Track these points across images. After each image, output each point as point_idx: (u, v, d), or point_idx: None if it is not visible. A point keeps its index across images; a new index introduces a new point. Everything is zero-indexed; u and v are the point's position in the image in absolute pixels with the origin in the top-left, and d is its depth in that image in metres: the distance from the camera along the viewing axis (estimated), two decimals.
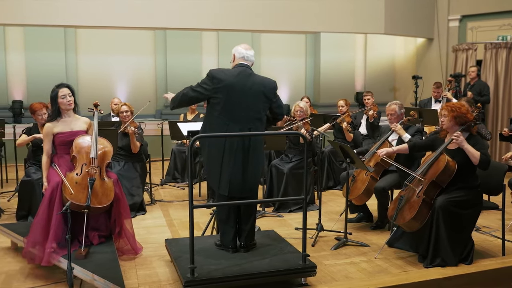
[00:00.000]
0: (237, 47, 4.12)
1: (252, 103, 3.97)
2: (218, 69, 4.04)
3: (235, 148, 3.92)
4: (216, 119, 3.95)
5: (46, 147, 4.33)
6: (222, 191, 3.97)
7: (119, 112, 6.21)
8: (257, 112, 4.01)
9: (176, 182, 7.90)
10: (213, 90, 3.91)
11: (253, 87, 3.97)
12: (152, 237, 5.06)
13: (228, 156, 3.92)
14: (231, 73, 3.99)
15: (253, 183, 4.07)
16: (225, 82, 3.89)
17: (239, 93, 3.91)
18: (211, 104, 3.98)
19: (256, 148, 4.01)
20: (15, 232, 4.55)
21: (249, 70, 4.04)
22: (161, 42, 10.92)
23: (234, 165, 3.92)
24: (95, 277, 3.53)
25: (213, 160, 3.98)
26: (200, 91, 3.96)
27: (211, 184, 4.11)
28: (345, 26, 10.45)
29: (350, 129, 7.25)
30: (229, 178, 3.93)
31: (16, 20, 9.07)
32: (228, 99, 3.90)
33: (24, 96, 10.26)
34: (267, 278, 3.68)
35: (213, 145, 3.97)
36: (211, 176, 4.06)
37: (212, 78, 3.92)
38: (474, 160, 4.22)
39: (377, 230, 5.30)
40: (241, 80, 3.95)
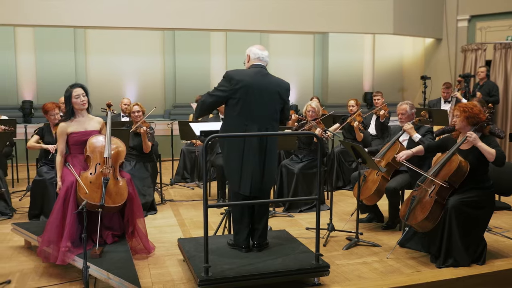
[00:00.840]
0: (252, 48, 4.14)
1: (269, 103, 4.00)
2: (235, 70, 4.05)
3: (254, 148, 3.94)
4: (234, 120, 3.97)
5: (60, 146, 4.36)
6: (243, 191, 3.99)
7: (130, 112, 6.24)
8: (274, 112, 4.04)
9: (186, 182, 7.93)
10: (231, 91, 3.93)
11: (269, 87, 4.00)
12: (164, 237, 5.09)
13: (248, 156, 3.94)
14: (248, 73, 4.01)
15: (270, 183, 4.09)
16: (243, 83, 3.91)
17: (257, 93, 3.94)
18: (229, 105, 4.00)
19: (272, 148, 4.04)
20: (28, 231, 4.58)
21: (264, 71, 4.07)
22: (169, 42, 10.97)
23: (254, 165, 3.94)
24: (110, 276, 3.55)
25: (233, 161, 3.99)
26: (218, 94, 3.99)
27: (231, 184, 4.10)
28: (354, 26, 10.45)
29: (362, 127, 7.25)
30: (250, 178, 3.95)
31: (26, 20, 9.13)
32: (246, 99, 3.92)
33: (34, 96, 10.33)
34: (281, 277, 3.69)
35: (233, 146, 3.99)
36: (231, 176, 4.06)
37: (230, 79, 3.94)
38: (490, 157, 4.21)
39: (388, 230, 5.30)
40: (258, 80, 3.97)
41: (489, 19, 10.80)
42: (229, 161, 4.04)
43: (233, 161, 4.00)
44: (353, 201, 6.60)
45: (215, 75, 11.19)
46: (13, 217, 5.84)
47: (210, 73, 11.21)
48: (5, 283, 3.88)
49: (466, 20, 11.07)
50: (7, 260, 4.44)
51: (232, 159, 4.01)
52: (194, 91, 10.35)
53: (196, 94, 9.21)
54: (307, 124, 6.34)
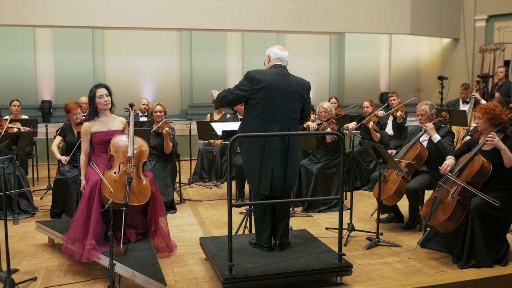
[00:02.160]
0: (272, 48, 4.16)
1: (290, 103, 4.01)
2: (256, 70, 4.07)
3: (275, 148, 3.96)
4: (255, 119, 3.99)
5: (84, 146, 4.42)
6: (263, 191, 4.01)
7: (152, 112, 6.30)
8: (294, 112, 4.06)
9: (203, 181, 7.98)
10: (251, 91, 3.96)
11: (290, 87, 4.02)
12: (184, 236, 5.13)
13: (268, 156, 3.95)
14: (269, 73, 4.04)
15: (292, 182, 4.11)
16: (264, 83, 3.94)
17: (277, 93, 3.96)
18: (250, 104, 4.02)
19: (293, 148, 4.06)
20: (53, 229, 4.65)
21: (285, 71, 4.09)
22: (186, 42, 11.04)
23: (274, 165, 3.96)
24: (136, 273, 3.59)
25: (252, 160, 4.02)
26: (238, 93, 4.02)
27: (251, 184, 4.13)
28: (371, 26, 10.43)
29: (376, 128, 7.24)
30: (271, 178, 3.97)
31: (46, 21, 9.26)
32: (267, 99, 3.94)
33: (53, 96, 10.46)
34: (304, 276, 3.71)
35: (253, 145, 4.01)
36: (251, 176, 4.08)
37: (251, 79, 3.96)
38: (508, 163, 4.20)
39: (408, 231, 5.28)
40: (279, 80, 3.99)
41: (507, 19, 10.72)
42: (249, 161, 4.06)
43: (253, 161, 4.02)
44: (372, 201, 6.60)
45: (231, 75, 11.25)
46: (35, 215, 5.92)
47: (227, 73, 11.27)
48: (31, 280, 3.94)
49: (484, 20, 10.99)
50: (31, 257, 4.51)
51: (252, 158, 4.03)
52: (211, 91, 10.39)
53: None
54: (321, 125, 6.35)
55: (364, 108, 7.63)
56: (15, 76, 10.12)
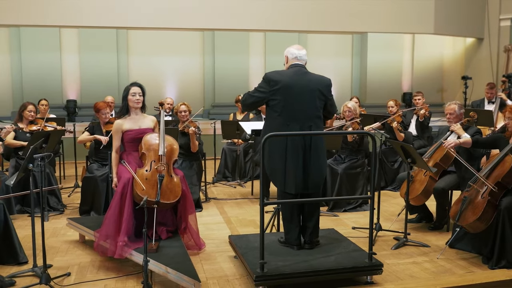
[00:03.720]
0: (289, 48, 4.17)
1: (310, 101, 4.02)
2: (274, 71, 4.09)
3: (297, 147, 3.97)
4: (276, 120, 4.01)
5: (116, 143, 4.49)
6: (288, 189, 4.03)
7: (177, 112, 6.36)
8: (316, 110, 4.06)
9: (227, 180, 8.03)
10: (270, 92, 3.98)
11: (309, 85, 4.02)
12: (212, 234, 5.18)
13: (291, 155, 3.97)
14: (286, 73, 4.05)
15: (318, 180, 4.12)
16: (282, 83, 3.96)
17: (297, 92, 3.97)
18: (270, 106, 4.05)
19: (318, 145, 4.05)
20: (84, 226, 4.73)
21: (303, 69, 4.10)
22: (209, 42, 11.12)
23: (298, 163, 3.98)
24: (169, 270, 3.64)
25: (276, 160, 4.03)
26: (257, 95, 4.05)
27: (275, 183, 4.15)
28: (394, 26, 10.40)
29: (400, 128, 7.21)
30: (295, 177, 3.99)
31: (71, 22, 9.42)
32: (286, 99, 3.96)
33: (78, 96, 10.61)
34: (335, 275, 3.73)
35: (275, 145, 4.02)
36: (275, 175, 4.10)
37: (269, 81, 3.99)
38: None
39: (435, 231, 5.27)
40: (297, 79, 4.00)
41: None
42: (272, 161, 4.06)
43: (275, 160, 4.03)
44: (397, 202, 6.59)
45: (253, 75, 11.29)
46: (64, 213, 6.02)
47: (249, 73, 11.32)
48: (65, 276, 4.02)
49: (509, 19, 10.87)
50: (63, 253, 4.60)
51: (274, 158, 4.04)
52: (233, 91, 10.47)
53: (235, 94, 9.31)
54: (343, 125, 6.34)
55: (388, 107, 7.62)
56: (41, 76, 10.30)
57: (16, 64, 10.35)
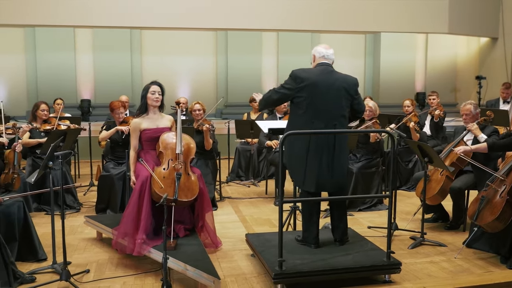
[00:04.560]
0: (317, 47, 4.19)
1: (336, 100, 4.03)
2: (301, 69, 4.10)
3: (320, 145, 3.97)
4: (301, 118, 4.02)
5: (133, 142, 4.52)
6: (308, 188, 4.04)
7: (191, 111, 6.39)
8: (341, 109, 4.06)
9: (240, 180, 8.05)
10: (296, 89, 3.99)
11: (335, 84, 4.03)
12: (228, 232, 5.19)
13: (314, 153, 3.97)
14: (313, 71, 4.07)
15: (342, 179, 4.12)
16: (309, 81, 3.97)
17: (322, 91, 3.98)
18: (295, 103, 4.06)
19: (341, 144, 4.06)
20: (102, 224, 4.77)
21: (330, 68, 4.11)
22: (222, 42, 11.15)
23: (321, 161, 3.98)
24: (188, 267, 3.66)
25: (297, 158, 4.04)
26: (283, 92, 4.06)
27: (295, 181, 4.16)
28: (407, 26, 10.36)
29: (417, 128, 7.19)
30: (316, 175, 3.99)
31: (86, 22, 9.49)
32: (312, 97, 3.96)
33: (92, 95, 10.69)
34: (353, 273, 3.73)
35: (297, 143, 4.03)
36: (295, 173, 4.11)
37: (295, 78, 4.00)
38: None
39: (451, 231, 5.25)
40: (323, 77, 4.01)
41: None
42: (293, 159, 4.08)
43: (297, 158, 4.04)
44: (412, 201, 6.57)
45: (266, 75, 11.32)
46: (80, 211, 6.07)
47: (262, 73, 11.34)
48: (84, 272, 4.06)
49: None
50: (82, 251, 4.64)
51: (296, 156, 4.05)
52: (246, 90, 10.50)
53: (248, 94, 9.33)
54: (364, 124, 6.33)
55: (404, 107, 7.59)
56: (56, 76, 10.39)
57: (31, 64, 10.45)
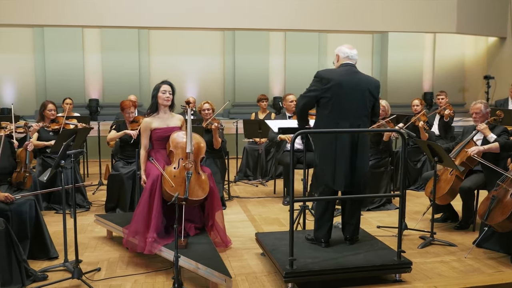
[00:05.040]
0: (341, 47, 4.20)
1: (360, 100, 4.06)
2: (325, 69, 4.14)
3: (346, 144, 4.00)
4: (326, 118, 4.04)
5: (144, 141, 4.55)
6: (337, 187, 4.07)
7: (200, 110, 6.42)
8: (365, 109, 4.10)
9: (248, 179, 8.05)
10: (322, 90, 4.01)
11: (360, 84, 4.06)
12: (237, 231, 5.21)
13: (341, 153, 4.00)
14: (338, 72, 4.09)
15: (361, 178, 4.15)
16: (334, 81, 3.98)
17: (347, 91, 4.00)
18: (320, 104, 4.07)
19: (364, 144, 4.10)
20: (112, 222, 4.79)
21: (354, 69, 4.13)
22: (230, 42, 11.16)
23: (347, 160, 4.01)
24: (199, 265, 3.68)
25: (326, 157, 4.07)
26: (310, 95, 4.08)
27: (324, 179, 4.15)
28: (415, 25, 10.35)
29: (427, 127, 7.18)
30: (344, 174, 4.02)
31: (94, 22, 9.54)
32: (337, 97, 3.98)
33: (100, 95, 10.73)
34: (364, 272, 3.73)
35: (326, 142, 4.06)
36: (325, 172, 4.11)
37: (321, 78, 4.02)
38: None
39: (461, 231, 5.24)
40: (348, 78, 4.03)
41: None
42: (322, 158, 4.11)
43: (326, 157, 4.06)
44: (420, 201, 6.56)
45: (273, 74, 11.33)
46: (90, 210, 6.10)
47: (269, 73, 11.34)
48: (96, 271, 4.08)
49: None
50: (92, 249, 4.67)
51: (325, 155, 4.08)
52: (253, 90, 10.53)
53: (255, 93, 9.35)
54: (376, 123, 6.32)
55: (413, 106, 7.58)
56: (64, 76, 10.43)
57: (40, 64, 10.50)
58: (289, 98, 6.91)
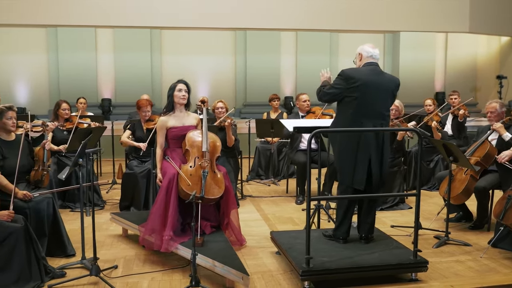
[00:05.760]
0: (364, 46, 4.21)
1: (383, 100, 4.08)
2: (351, 68, 4.15)
3: (370, 143, 4.02)
4: (350, 117, 4.05)
5: (160, 140, 4.58)
6: (357, 185, 4.08)
7: (214, 108, 6.46)
8: (386, 109, 4.13)
9: (260, 179, 8.08)
10: (348, 89, 4.03)
11: (385, 85, 4.08)
12: (251, 230, 5.23)
13: (363, 152, 4.02)
14: (363, 71, 4.10)
15: (384, 177, 4.16)
16: (361, 81, 3.99)
17: (373, 91, 4.01)
18: (344, 102, 4.09)
19: (385, 143, 4.11)
20: (128, 220, 4.83)
21: (378, 68, 4.15)
22: (241, 42, 11.19)
23: (370, 160, 4.03)
24: (216, 263, 3.70)
25: (346, 155, 4.08)
26: (333, 92, 4.11)
27: (344, 178, 4.16)
28: (427, 25, 10.32)
29: (439, 127, 7.16)
30: (365, 173, 4.03)
31: (107, 22, 9.60)
32: (363, 97, 3.99)
33: (112, 95, 10.80)
34: (380, 271, 3.74)
35: (347, 141, 4.08)
36: (346, 171, 4.13)
37: (347, 78, 4.03)
38: None
39: (475, 231, 5.22)
40: (374, 78, 4.05)
41: None
42: (342, 156, 4.12)
43: (347, 156, 4.08)
44: (433, 201, 6.55)
45: (285, 74, 11.34)
46: (104, 208, 6.15)
47: (280, 73, 11.36)
48: (113, 268, 4.12)
49: None
50: (109, 247, 4.71)
51: (345, 154, 4.09)
52: (264, 90, 10.55)
53: (266, 93, 9.37)
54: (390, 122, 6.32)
55: (426, 106, 7.57)
56: (77, 76, 10.52)
57: (53, 64, 10.59)
58: (302, 97, 6.91)
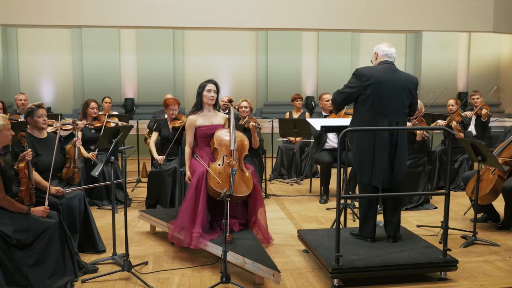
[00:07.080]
0: (380, 45, 4.23)
1: (399, 98, 4.08)
2: (365, 67, 4.18)
3: (385, 142, 4.04)
4: (365, 115, 4.08)
5: (189, 138, 4.65)
6: (375, 183, 4.10)
7: (239, 107, 6.51)
8: (403, 107, 4.13)
9: (283, 178, 8.11)
10: (361, 87, 4.05)
11: (400, 83, 4.09)
12: (277, 229, 5.26)
13: (380, 150, 4.04)
14: (377, 69, 4.12)
15: (401, 176, 4.16)
16: (374, 78, 4.02)
17: (387, 89, 4.03)
18: (359, 101, 4.12)
19: (402, 142, 4.13)
20: (156, 218, 4.91)
21: (393, 67, 4.16)
22: (262, 42, 11.23)
23: (387, 158, 4.05)
24: (246, 260, 3.74)
25: (364, 154, 4.11)
26: (347, 91, 4.13)
27: (362, 176, 4.19)
28: (450, 24, 10.25)
29: (459, 128, 7.11)
30: (383, 171, 4.05)
31: (130, 22, 9.72)
32: (377, 94, 4.02)
33: (135, 94, 10.92)
34: (409, 270, 3.75)
35: (364, 140, 4.11)
36: (363, 169, 4.15)
37: (361, 76, 4.06)
38: None
39: (503, 231, 5.19)
40: (388, 76, 4.06)
41: None
42: (360, 155, 4.15)
43: (364, 154, 4.11)
44: (458, 201, 6.51)
45: (306, 74, 11.36)
46: (130, 206, 6.24)
47: (301, 73, 11.37)
48: (143, 264, 4.19)
49: None
50: (137, 244, 4.78)
51: (363, 152, 4.12)
52: (286, 90, 10.58)
53: (288, 93, 9.40)
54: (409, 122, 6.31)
55: (448, 106, 7.53)
56: (101, 76, 10.66)
57: (78, 64, 10.75)
58: (325, 97, 6.93)
